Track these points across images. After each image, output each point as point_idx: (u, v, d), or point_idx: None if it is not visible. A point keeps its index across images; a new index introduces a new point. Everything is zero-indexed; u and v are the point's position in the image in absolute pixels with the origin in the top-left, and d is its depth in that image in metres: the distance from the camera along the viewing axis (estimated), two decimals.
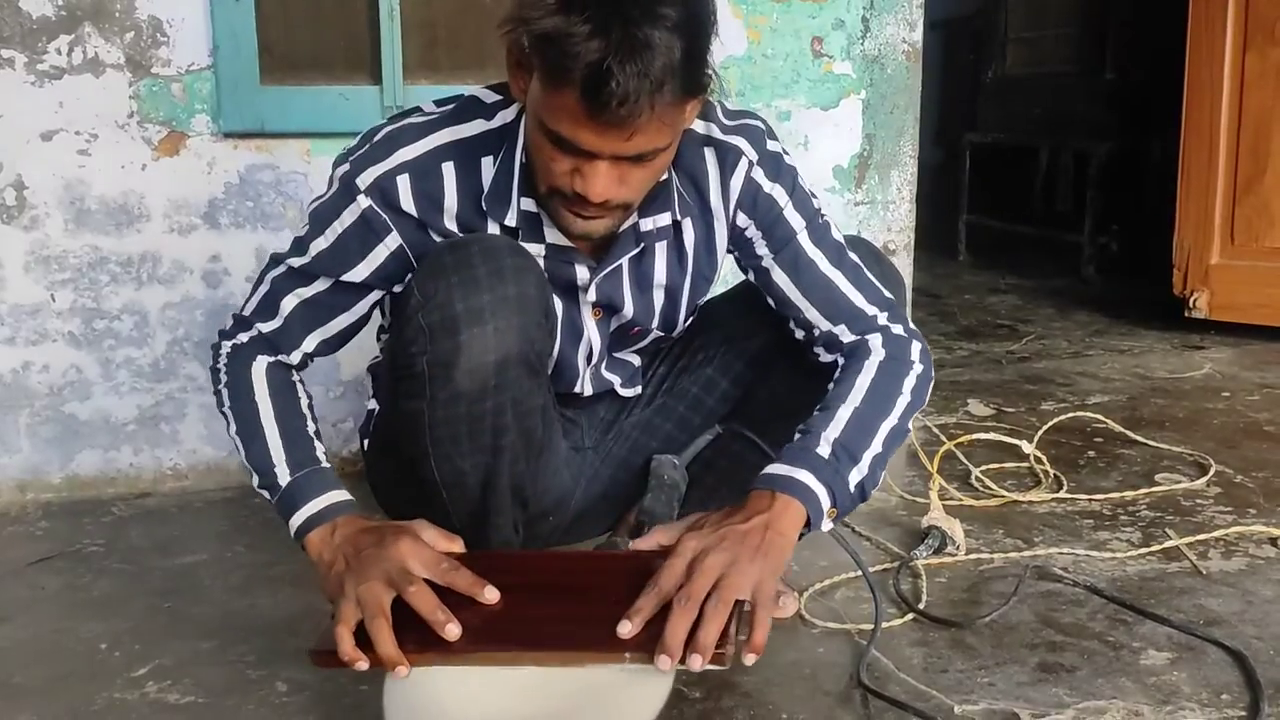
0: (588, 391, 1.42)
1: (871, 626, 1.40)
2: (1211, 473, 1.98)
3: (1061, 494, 1.89)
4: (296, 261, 1.28)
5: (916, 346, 1.32)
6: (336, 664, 1.12)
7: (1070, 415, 2.24)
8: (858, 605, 1.52)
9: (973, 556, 1.66)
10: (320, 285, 1.28)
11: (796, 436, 1.22)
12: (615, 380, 1.45)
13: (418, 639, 1.10)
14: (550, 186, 1.16)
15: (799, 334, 1.36)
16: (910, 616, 1.48)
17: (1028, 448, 1.93)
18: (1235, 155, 3.05)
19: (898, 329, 1.32)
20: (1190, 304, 3.08)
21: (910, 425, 1.29)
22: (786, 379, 1.43)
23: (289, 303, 1.29)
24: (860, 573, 1.54)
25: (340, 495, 1.23)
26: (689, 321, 1.44)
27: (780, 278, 1.32)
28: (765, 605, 1.09)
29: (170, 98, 1.93)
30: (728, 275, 1.41)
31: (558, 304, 1.29)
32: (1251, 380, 2.64)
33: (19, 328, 1.93)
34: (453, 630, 1.08)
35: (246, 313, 1.31)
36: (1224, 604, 1.49)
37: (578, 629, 1.10)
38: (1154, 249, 3.41)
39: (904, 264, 2.29)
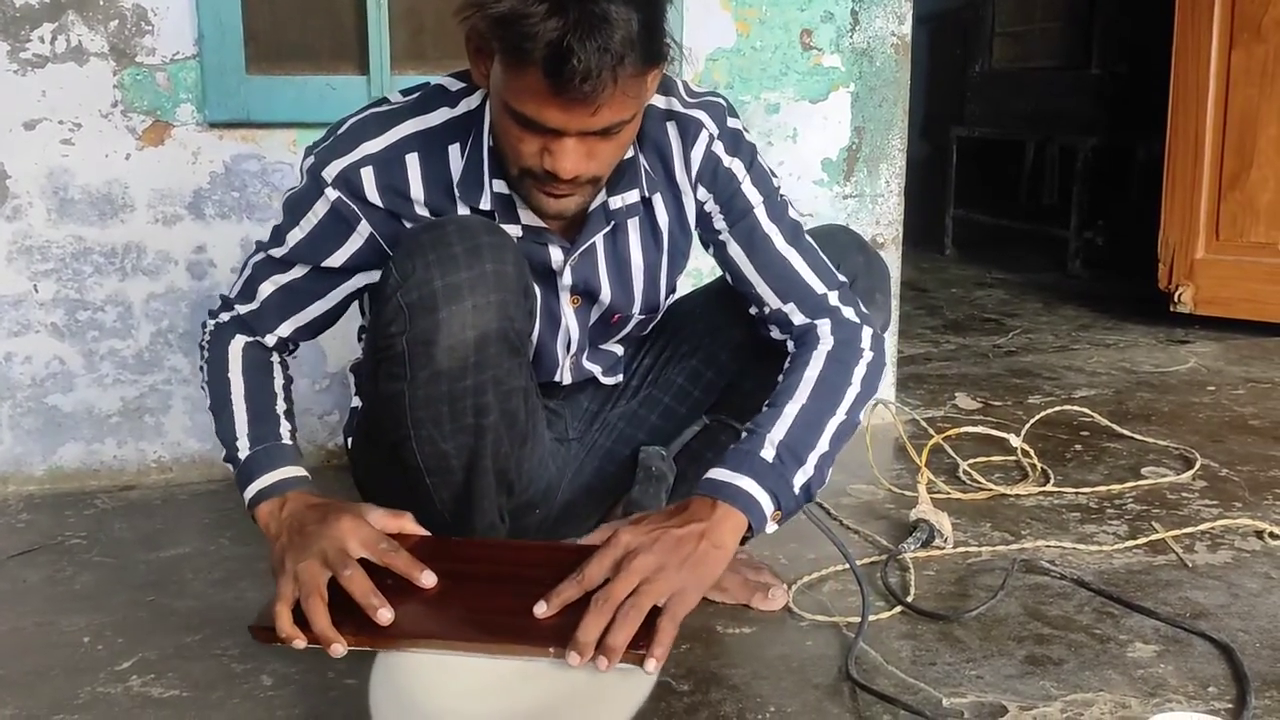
0: (568, 380, 1.41)
1: (859, 619, 1.40)
2: (1197, 466, 1.99)
3: (1049, 487, 1.89)
4: (276, 251, 1.29)
5: (867, 333, 1.31)
6: (275, 640, 1.12)
7: (1057, 409, 2.25)
8: (846, 598, 1.52)
9: (960, 550, 1.66)
10: (298, 272, 1.30)
11: (743, 436, 1.22)
12: (596, 369, 1.44)
13: (356, 620, 1.10)
14: (521, 168, 1.16)
15: (753, 310, 1.35)
16: (898, 609, 1.48)
17: (1015, 441, 1.93)
18: (1221, 150, 3.06)
19: (848, 312, 1.31)
20: (1176, 298, 3.10)
21: (861, 417, 1.28)
22: (772, 368, 1.42)
23: (266, 289, 1.31)
24: (848, 566, 1.55)
25: (294, 471, 1.24)
26: (669, 304, 1.43)
27: (735, 252, 1.32)
28: (674, 618, 1.08)
29: (155, 87, 1.91)
30: (703, 267, 1.41)
31: (536, 291, 1.28)
32: (1236, 374, 2.65)
33: (1, 319, 1.91)
34: (384, 615, 1.08)
35: (231, 294, 1.34)
36: (1210, 597, 1.49)
37: (510, 620, 1.10)
38: (1139, 244, 3.43)
39: (892, 257, 2.29)
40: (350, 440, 1.48)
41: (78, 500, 1.95)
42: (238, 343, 1.31)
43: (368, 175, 1.22)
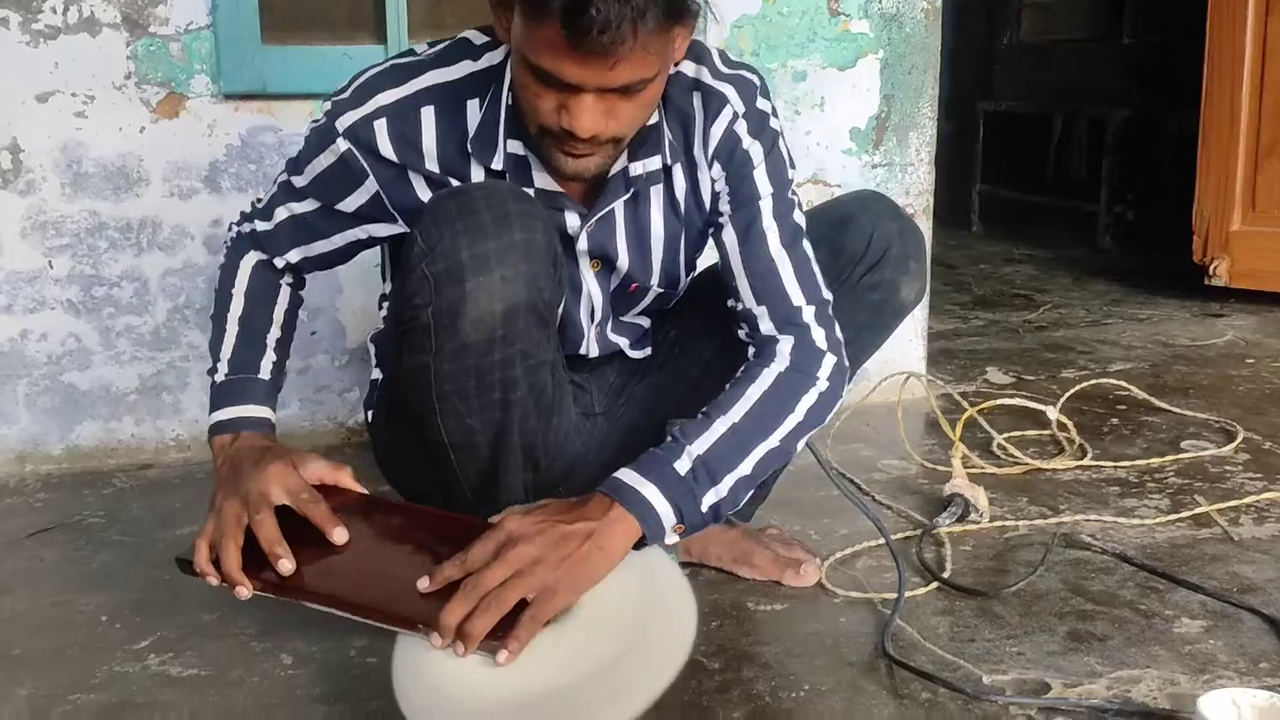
0: (594, 353, 1.37)
1: (895, 596, 1.36)
2: (1239, 439, 1.93)
3: (1086, 461, 1.84)
4: (296, 180, 1.28)
5: (829, 362, 1.24)
6: (194, 574, 1.15)
7: (1092, 383, 2.19)
8: (880, 574, 1.48)
9: (997, 524, 1.62)
10: (310, 206, 1.29)
11: (665, 441, 1.18)
12: (623, 342, 1.40)
13: (269, 568, 1.11)
14: (539, 125, 1.12)
15: (729, 303, 1.30)
16: (934, 585, 1.43)
17: (1053, 412, 1.88)
18: (1257, 121, 2.98)
19: (817, 335, 1.25)
20: (1210, 271, 3.03)
21: (798, 447, 1.23)
22: None
23: (281, 214, 1.30)
24: (882, 541, 1.50)
25: (258, 410, 1.24)
26: (691, 279, 1.39)
27: (729, 238, 1.27)
28: (536, 618, 1.03)
29: (169, 58, 1.87)
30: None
31: (564, 261, 1.24)
32: (1275, 347, 2.59)
33: (16, 295, 1.89)
34: (284, 565, 1.09)
35: (257, 206, 1.33)
36: (1258, 571, 1.44)
37: (398, 591, 1.09)
38: (1171, 218, 3.36)
39: (923, 228, 2.22)
40: (371, 415, 1.44)
41: (96, 479, 1.93)
42: (250, 259, 1.31)
43: (380, 128, 1.19)
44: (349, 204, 1.25)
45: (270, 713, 1.20)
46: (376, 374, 1.42)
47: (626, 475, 1.14)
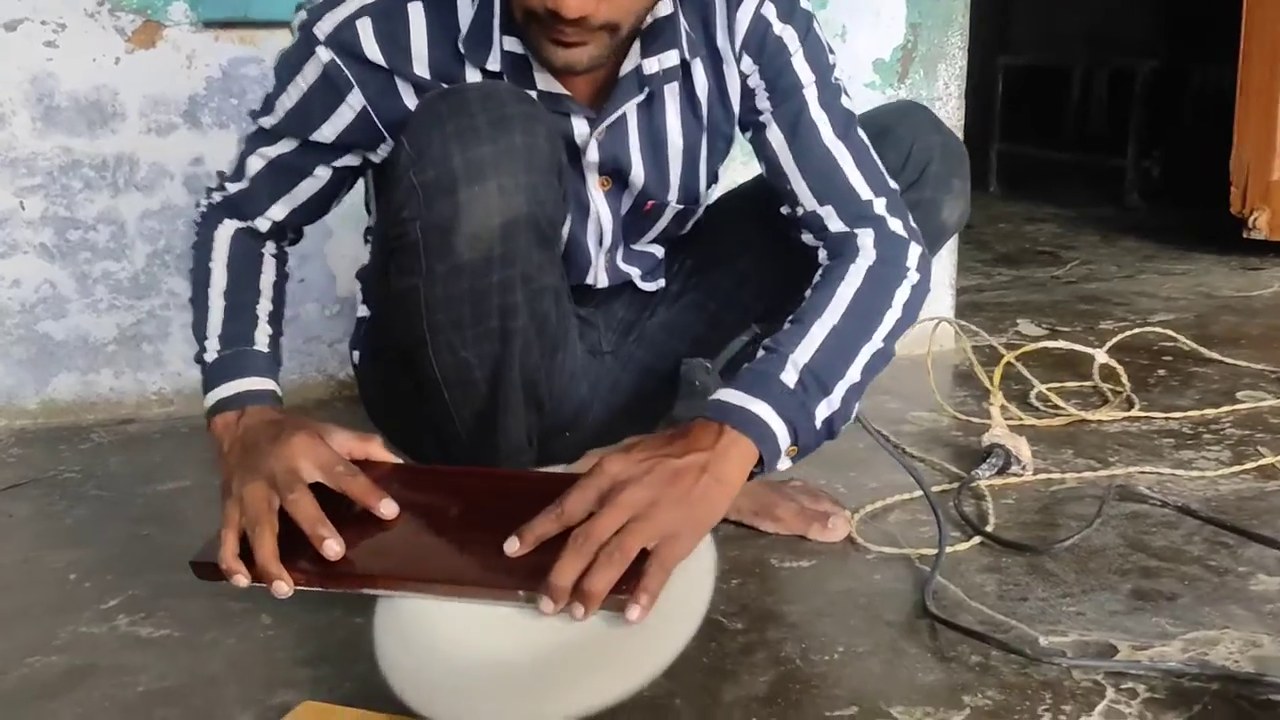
0: (602, 283, 1.24)
1: (934, 551, 1.24)
2: None
3: (1134, 412, 1.71)
4: (267, 121, 1.14)
5: (915, 250, 1.12)
6: (216, 576, 0.97)
7: (1132, 333, 2.05)
8: (915, 529, 1.35)
9: (1041, 477, 1.49)
10: (286, 146, 1.14)
11: (760, 355, 1.03)
12: (634, 272, 1.27)
13: (306, 554, 0.94)
14: (524, 9, 0.98)
15: (784, 210, 1.16)
16: (977, 540, 1.31)
17: (1102, 355, 1.74)
18: None
19: (895, 225, 1.12)
20: (1249, 224, 2.88)
21: (897, 348, 1.10)
22: None
23: (255, 164, 1.15)
24: (915, 494, 1.39)
25: (261, 383, 1.08)
26: (708, 206, 1.25)
27: (775, 137, 1.13)
28: (664, 565, 0.89)
29: None
30: (745, 155, 1.23)
31: (570, 172, 1.11)
32: None
33: None
34: (332, 547, 0.93)
35: (226, 171, 1.19)
36: None
37: (478, 559, 0.94)
38: (1199, 173, 3.22)
39: None
40: (357, 356, 1.32)
41: (73, 434, 1.81)
42: (226, 229, 1.16)
43: (364, 28, 1.05)
44: (328, 130, 1.11)
45: (245, 676, 1.08)
46: (363, 311, 1.30)
47: (730, 395, 0.99)
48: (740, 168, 1.46)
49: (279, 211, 1.16)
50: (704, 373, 1.28)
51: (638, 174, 1.15)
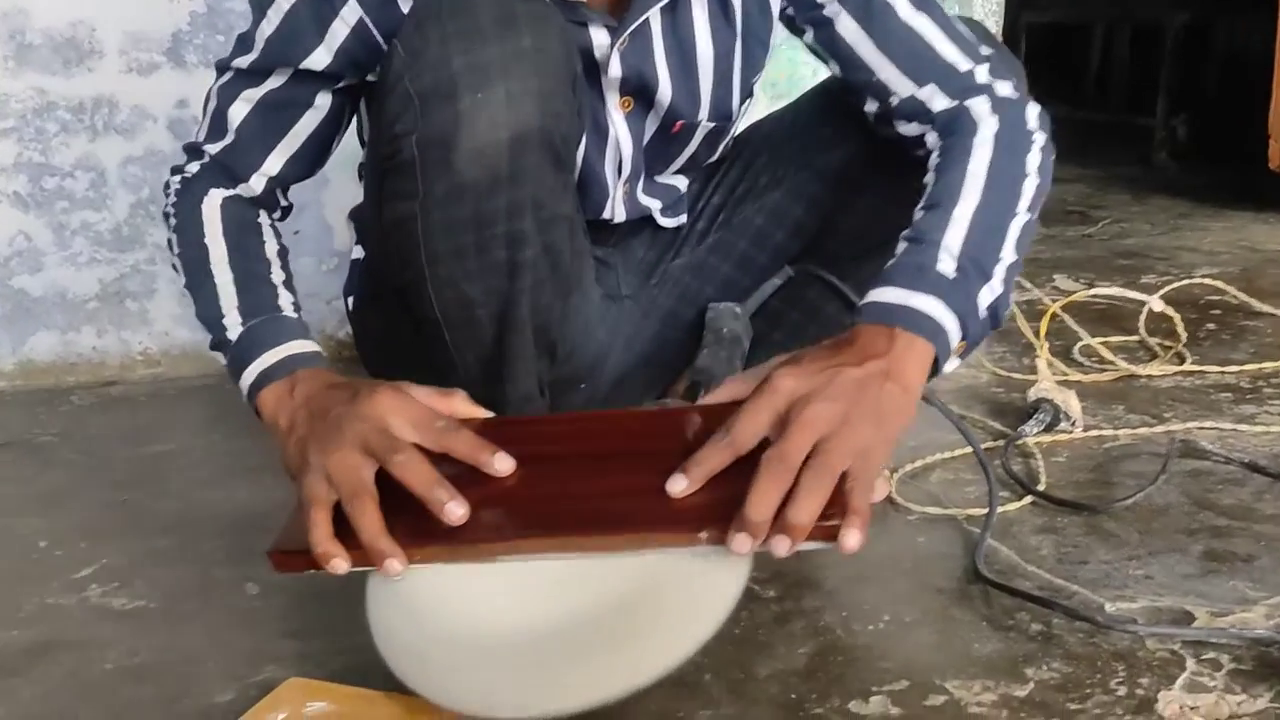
0: (620, 217, 1.12)
1: (982, 512, 1.14)
2: None
3: (1186, 366, 1.60)
4: (244, 60, 1.00)
5: (1033, 110, 1.00)
6: (306, 565, 0.84)
7: (1176, 286, 1.94)
8: (960, 489, 1.24)
9: (1093, 434, 1.38)
10: (275, 81, 1.00)
11: (903, 248, 0.91)
12: (655, 205, 1.15)
13: (412, 527, 0.81)
14: None
15: (871, 107, 1.05)
16: (1029, 500, 1.20)
17: (1157, 303, 1.63)
18: None
19: (1004, 88, 1.00)
20: None
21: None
22: (878, 204, 1.14)
23: (238, 111, 1.01)
24: (956, 453, 1.28)
25: (304, 346, 0.94)
26: (745, 128, 1.13)
27: (848, 28, 1.01)
28: (868, 484, 0.78)
29: None
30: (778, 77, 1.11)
31: (585, 85, 0.99)
32: None
33: None
34: (455, 511, 0.79)
35: (197, 138, 1.05)
36: None
37: (624, 505, 0.81)
38: (1228, 131, 3.09)
39: None
40: (352, 301, 1.21)
41: (52, 397, 1.71)
42: (213, 200, 1.01)
43: None
44: (323, 54, 0.98)
45: (226, 650, 0.98)
46: (358, 253, 1.19)
47: (891, 294, 0.87)
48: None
49: (274, 163, 1.02)
50: (732, 318, 1.18)
51: (665, 90, 1.04)
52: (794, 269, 1.20)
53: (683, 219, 1.20)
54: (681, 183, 1.18)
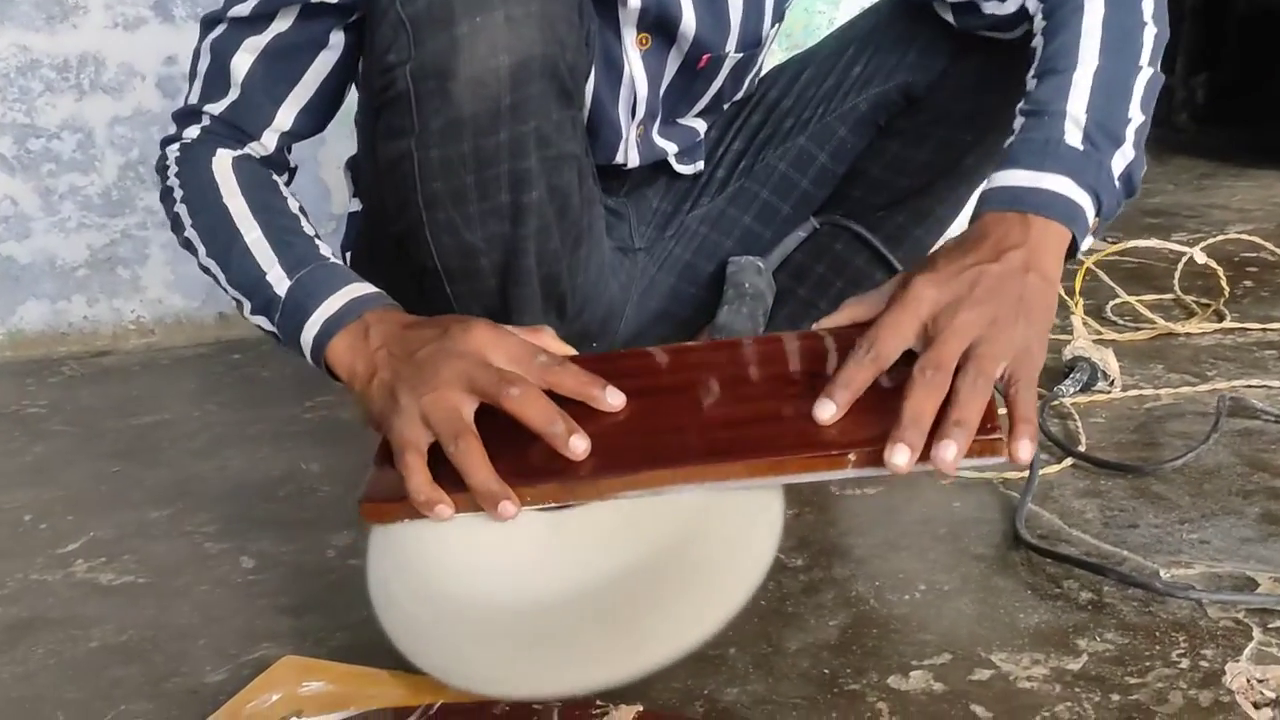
0: (633, 162, 1.05)
1: (1020, 475, 1.07)
2: None
3: (1226, 324, 1.53)
4: (243, 7, 0.92)
5: None
6: (402, 514, 0.77)
7: (1210, 243, 1.86)
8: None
9: (1133, 393, 1.31)
10: (281, 24, 0.92)
11: (1023, 122, 0.83)
12: (670, 148, 1.08)
13: (514, 466, 0.74)
14: None
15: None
16: (1070, 462, 1.13)
17: (1200, 256, 1.55)
18: None
19: None
20: None
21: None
22: (912, 148, 1.07)
23: (241, 62, 0.93)
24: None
25: (364, 287, 0.86)
26: (774, 33, 1.05)
27: None
28: (1030, 385, 0.73)
29: None
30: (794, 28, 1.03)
31: (592, 12, 0.92)
32: None
33: None
34: (579, 445, 0.73)
35: (192, 101, 0.97)
36: None
37: (757, 432, 0.75)
38: (1248, 93, 3.01)
39: None
40: (349, 257, 1.14)
41: (43, 367, 1.66)
42: (222, 158, 0.93)
43: None
44: None
45: (219, 627, 0.92)
46: (355, 205, 1.12)
47: (1018, 176, 0.80)
48: None
49: (286, 116, 0.94)
50: (754, 272, 1.11)
51: (689, 20, 0.96)
52: (820, 220, 1.13)
53: (700, 166, 1.13)
54: (701, 125, 1.11)
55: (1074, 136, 0.80)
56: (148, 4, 1.61)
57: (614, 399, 0.76)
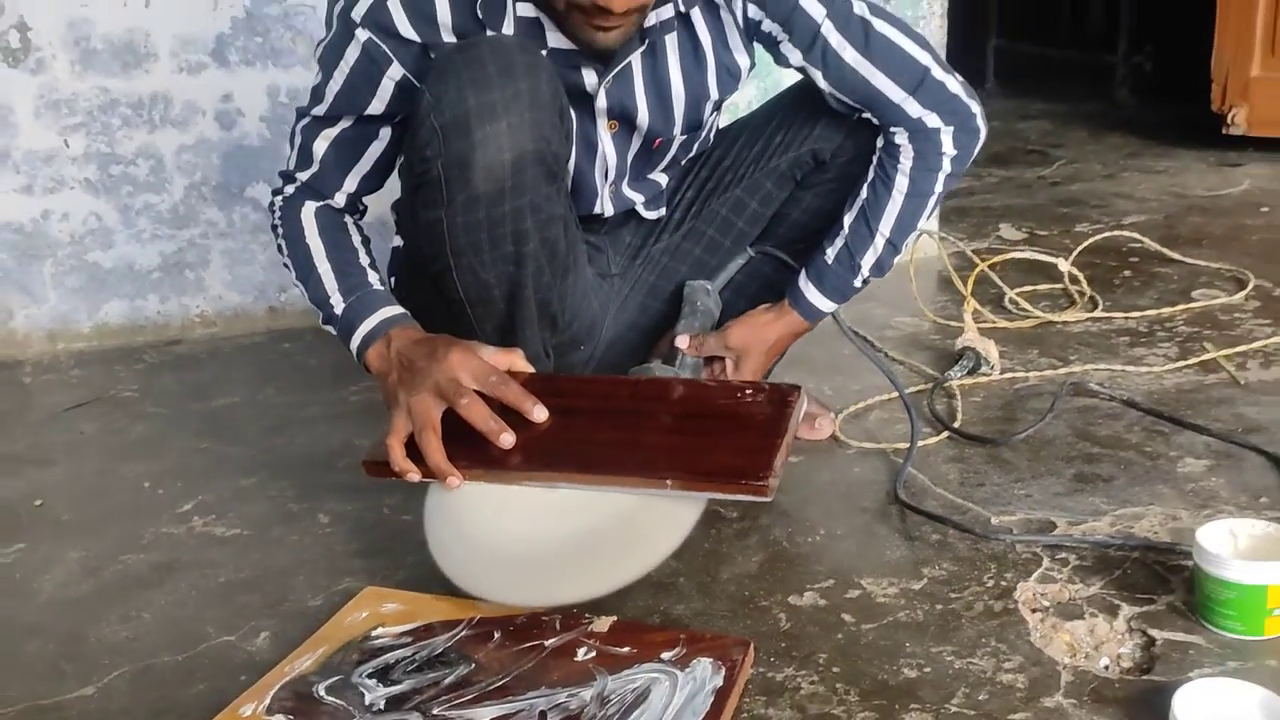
0: (608, 211, 1.39)
1: (907, 445, 1.40)
2: (1250, 287, 1.95)
3: (1097, 313, 1.86)
4: (319, 109, 1.27)
5: (946, 135, 1.31)
6: (388, 474, 1.15)
7: (1105, 236, 2.20)
8: (892, 426, 1.52)
9: (1008, 376, 1.65)
10: (345, 124, 1.27)
11: (836, 256, 1.29)
12: (638, 199, 1.41)
13: (468, 454, 1.11)
14: (568, 2, 1.12)
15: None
16: (945, 435, 1.47)
17: (1064, 265, 1.89)
18: None
19: (931, 119, 1.29)
20: (1229, 120, 2.99)
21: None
22: (820, 199, 1.40)
23: (320, 147, 1.29)
24: (894, 395, 1.54)
25: (392, 310, 1.24)
26: (713, 136, 1.40)
27: (818, 75, 1.29)
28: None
29: None
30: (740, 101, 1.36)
31: (572, 114, 1.25)
32: None
33: (35, 175, 1.91)
34: (506, 439, 1.11)
35: (289, 167, 1.33)
36: (1263, 412, 1.48)
37: (615, 454, 1.11)
38: (1190, 68, 3.29)
39: None
40: (394, 281, 1.47)
41: (126, 355, 1.98)
42: (309, 209, 1.30)
43: (396, 9, 1.18)
44: (377, 104, 1.24)
45: (311, 567, 1.26)
46: (397, 241, 1.45)
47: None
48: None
49: (352, 183, 1.30)
50: (704, 293, 1.44)
51: (643, 118, 1.29)
52: (754, 250, 1.46)
53: (662, 211, 1.46)
54: (663, 179, 1.43)
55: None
56: (207, 52, 1.91)
57: (538, 414, 1.13)
